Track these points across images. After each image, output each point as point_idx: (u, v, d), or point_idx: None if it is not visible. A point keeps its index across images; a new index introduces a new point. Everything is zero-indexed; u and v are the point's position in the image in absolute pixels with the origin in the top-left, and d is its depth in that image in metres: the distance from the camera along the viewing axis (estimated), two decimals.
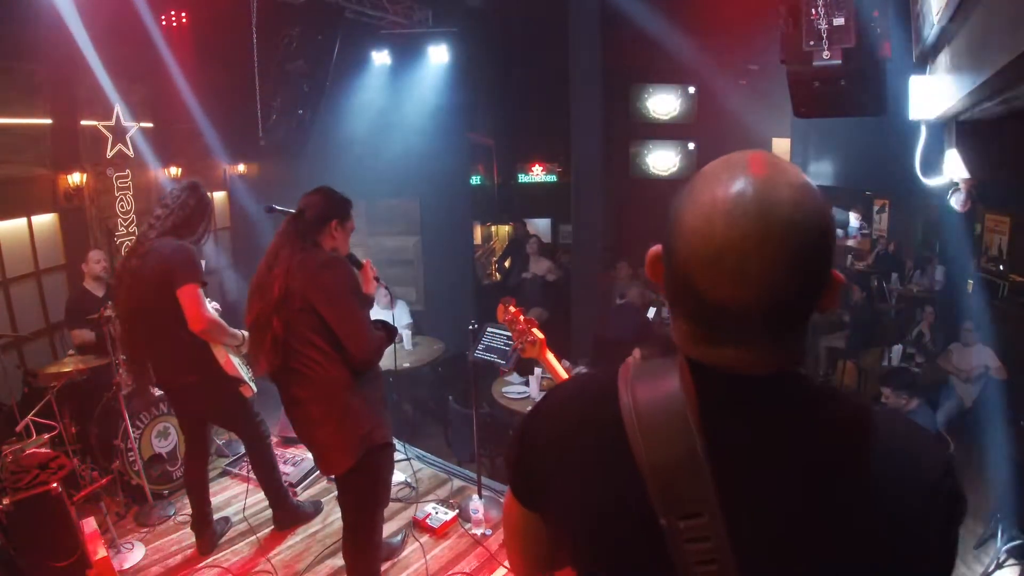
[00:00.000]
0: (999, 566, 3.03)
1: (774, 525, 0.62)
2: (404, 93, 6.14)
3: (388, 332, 2.27)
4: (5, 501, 2.34)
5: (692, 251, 0.63)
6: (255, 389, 2.90)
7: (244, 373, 2.78)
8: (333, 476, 2.42)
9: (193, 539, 2.94)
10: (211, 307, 2.69)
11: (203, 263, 2.73)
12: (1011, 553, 3.04)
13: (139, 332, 2.64)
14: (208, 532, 2.93)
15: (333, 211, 2.20)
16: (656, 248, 0.70)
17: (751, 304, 0.61)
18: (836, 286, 0.64)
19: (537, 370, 4.12)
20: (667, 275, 0.68)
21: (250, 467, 3.08)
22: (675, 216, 0.66)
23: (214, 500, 3.10)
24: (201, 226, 2.71)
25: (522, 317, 1.75)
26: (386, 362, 2.43)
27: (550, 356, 1.67)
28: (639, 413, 0.66)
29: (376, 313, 2.28)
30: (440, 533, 3.03)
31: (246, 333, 2.41)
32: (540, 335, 1.70)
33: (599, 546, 0.71)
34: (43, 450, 2.77)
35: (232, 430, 3.27)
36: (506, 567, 2.78)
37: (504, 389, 4.26)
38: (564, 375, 1.60)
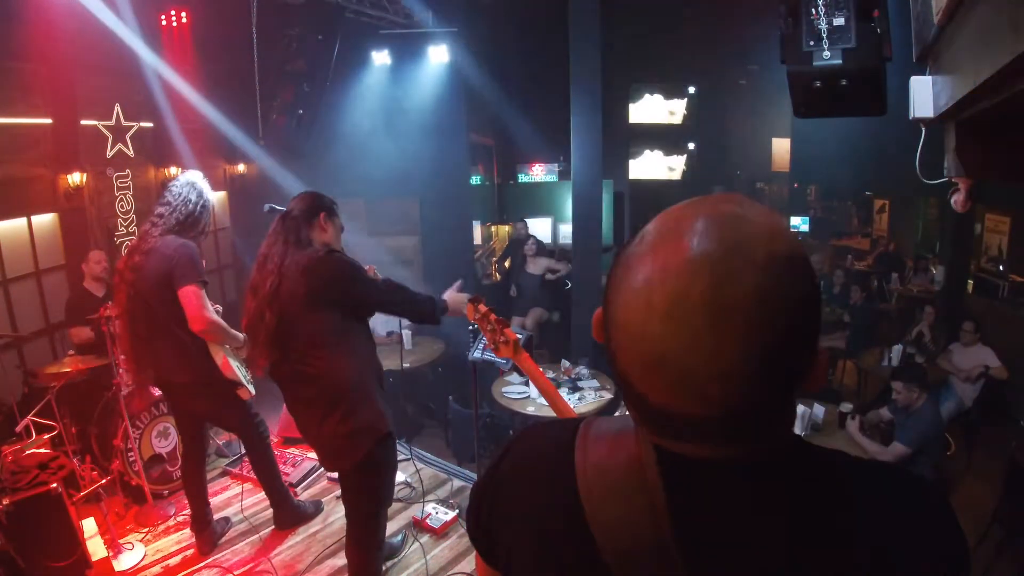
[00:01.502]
0: (996, 565, 3.03)
1: None
2: (404, 93, 6.14)
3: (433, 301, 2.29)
4: (5, 501, 2.34)
5: (628, 349, 0.52)
6: (253, 391, 2.89)
7: (242, 376, 2.77)
8: (336, 475, 2.42)
9: (193, 539, 2.94)
10: (212, 308, 2.69)
11: (203, 262, 2.73)
12: (1008, 552, 3.04)
13: (139, 330, 2.64)
14: (208, 532, 2.93)
15: (319, 205, 2.23)
16: (599, 312, 0.59)
17: (701, 416, 0.50)
18: (821, 367, 0.53)
19: None
20: (608, 356, 0.56)
21: (250, 467, 3.08)
22: (610, 290, 0.55)
23: (214, 500, 3.11)
24: (203, 221, 2.72)
25: (493, 317, 1.72)
26: (388, 361, 2.43)
27: (526, 356, 1.65)
28: (596, 488, 0.59)
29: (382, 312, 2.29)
30: (440, 533, 3.04)
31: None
32: (513, 335, 1.68)
33: None
34: (43, 450, 2.77)
35: (230, 431, 3.27)
36: None
37: (504, 389, 4.26)
38: (541, 375, 1.59)
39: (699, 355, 0.48)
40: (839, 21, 1.65)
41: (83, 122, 4.71)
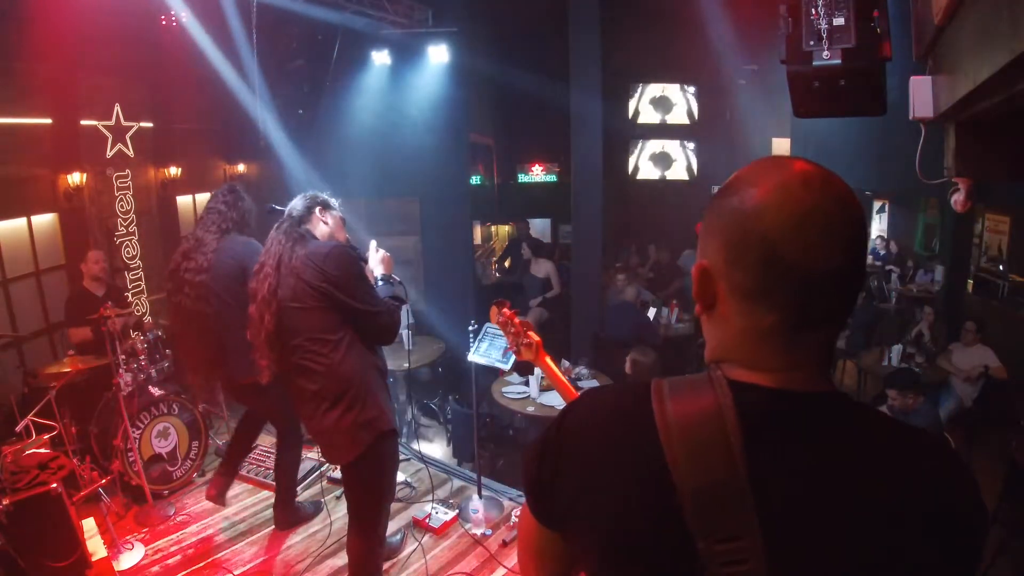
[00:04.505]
0: (996, 565, 3.03)
1: (814, 548, 0.61)
2: (404, 93, 6.14)
3: (395, 297, 2.29)
4: (5, 501, 2.35)
5: (774, 222, 0.64)
6: None
7: None
8: (337, 475, 2.42)
9: (192, 539, 2.96)
10: None
11: None
12: (1008, 552, 3.04)
13: (208, 332, 2.69)
14: (222, 483, 3.09)
15: (313, 201, 2.28)
16: (701, 264, 0.70)
17: (839, 265, 0.63)
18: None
19: (537, 370, 4.11)
20: (735, 273, 0.66)
21: (274, 463, 3.14)
22: (735, 207, 0.67)
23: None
24: (249, 221, 2.89)
25: (517, 319, 1.71)
26: (390, 361, 2.43)
27: (547, 359, 1.64)
28: (677, 433, 0.64)
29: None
30: (440, 533, 3.04)
31: None
32: (536, 337, 1.66)
33: (629, 567, 0.69)
34: (43, 450, 2.77)
35: (279, 427, 3.25)
36: (506, 567, 2.79)
37: (504, 389, 4.25)
38: (562, 377, 1.58)
39: (832, 205, 0.64)
40: (839, 21, 1.65)
41: (83, 122, 4.71)
